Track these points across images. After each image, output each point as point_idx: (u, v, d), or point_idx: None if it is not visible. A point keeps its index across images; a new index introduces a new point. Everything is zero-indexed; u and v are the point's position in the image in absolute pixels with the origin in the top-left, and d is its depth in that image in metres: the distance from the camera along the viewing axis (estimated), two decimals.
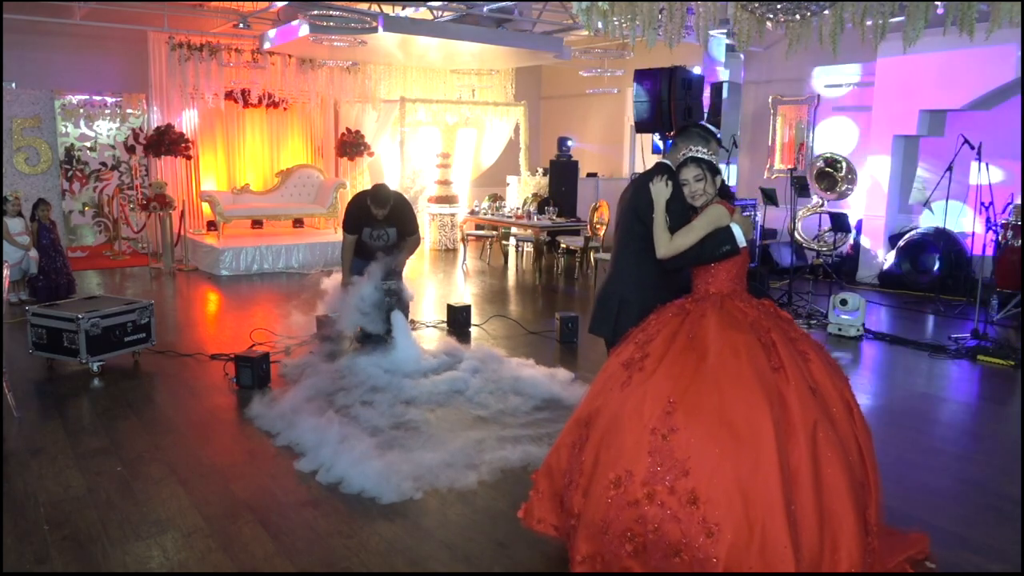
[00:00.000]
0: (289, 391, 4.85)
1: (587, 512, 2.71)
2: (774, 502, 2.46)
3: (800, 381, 2.67)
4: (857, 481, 2.64)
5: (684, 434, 2.58)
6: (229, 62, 10.71)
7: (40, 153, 10.24)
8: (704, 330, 2.79)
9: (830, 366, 2.86)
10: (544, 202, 10.81)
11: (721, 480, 2.50)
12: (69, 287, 7.91)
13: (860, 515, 2.58)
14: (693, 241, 2.98)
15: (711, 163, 3.05)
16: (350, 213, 6.16)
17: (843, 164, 9.42)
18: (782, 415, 2.59)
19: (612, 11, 4.85)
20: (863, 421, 2.87)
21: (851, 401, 2.83)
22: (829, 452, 2.58)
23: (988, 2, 4.45)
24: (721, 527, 2.47)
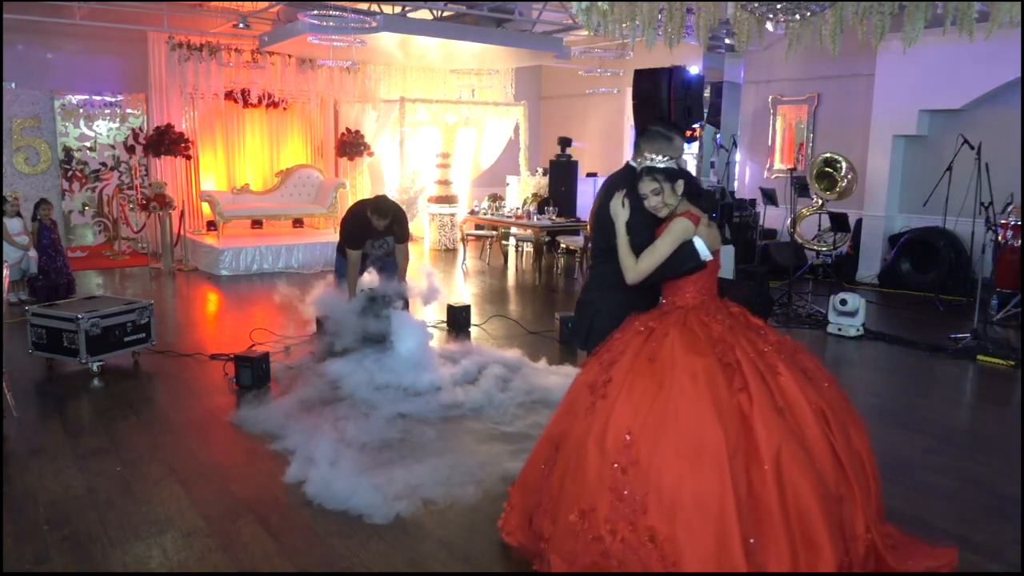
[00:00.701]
0: (284, 397, 4.80)
1: (555, 540, 2.74)
2: (730, 532, 2.43)
3: (765, 402, 2.60)
4: (831, 498, 2.56)
5: (643, 467, 2.56)
6: (229, 62, 10.71)
7: (40, 153, 10.24)
8: (665, 351, 2.73)
9: (805, 374, 2.77)
10: (544, 202, 10.81)
11: (679, 517, 2.49)
12: (69, 287, 7.91)
13: (835, 534, 2.51)
14: (659, 261, 2.89)
15: (668, 170, 2.91)
16: (351, 229, 6.11)
17: (843, 164, 9.42)
18: (745, 440, 2.54)
19: (612, 11, 4.84)
20: (854, 420, 2.82)
21: (829, 408, 2.72)
22: (797, 475, 2.50)
23: (988, 2, 4.44)
24: (679, 563, 2.47)
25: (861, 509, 2.65)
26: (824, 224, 9.38)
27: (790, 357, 2.82)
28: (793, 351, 2.88)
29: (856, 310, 6.81)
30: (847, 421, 2.80)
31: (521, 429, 4.42)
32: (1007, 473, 4.00)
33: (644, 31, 4.91)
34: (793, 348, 2.91)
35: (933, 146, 9.13)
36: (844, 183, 9.40)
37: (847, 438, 2.74)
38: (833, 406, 2.77)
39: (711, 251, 2.90)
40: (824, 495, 2.53)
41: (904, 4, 4.67)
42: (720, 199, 8.83)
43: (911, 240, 8.99)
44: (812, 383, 2.78)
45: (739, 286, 7.31)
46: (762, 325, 2.97)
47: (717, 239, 2.97)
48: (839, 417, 2.75)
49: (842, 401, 2.85)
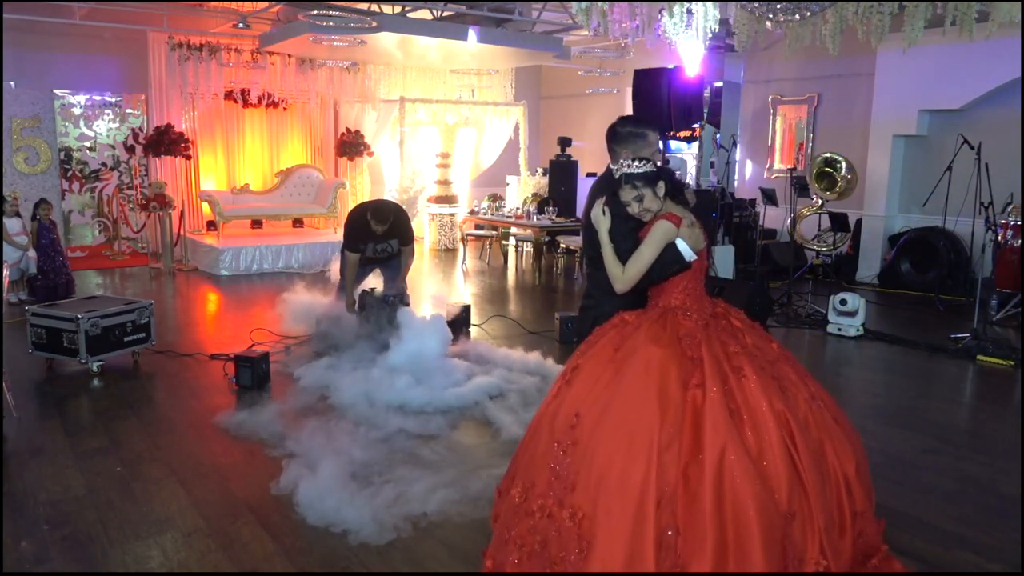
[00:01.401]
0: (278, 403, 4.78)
1: (500, 517, 2.82)
2: (646, 520, 2.40)
3: (718, 401, 2.55)
4: (775, 511, 2.44)
5: (581, 448, 2.58)
6: (229, 62, 10.71)
7: (39, 153, 10.23)
8: (630, 342, 2.75)
9: (778, 383, 2.69)
10: (544, 202, 10.80)
11: (601, 497, 2.47)
12: (68, 287, 7.91)
13: (771, 548, 2.41)
14: (644, 267, 2.87)
15: (647, 175, 2.86)
16: (351, 231, 6.13)
17: (843, 164, 9.42)
18: (689, 435, 2.49)
19: (612, 11, 4.85)
20: (839, 443, 2.72)
21: (799, 423, 2.62)
22: (738, 479, 2.43)
23: (988, 1, 4.45)
24: (592, 544, 2.46)
25: (818, 533, 2.50)
26: (824, 224, 9.38)
27: (766, 364, 2.75)
28: (775, 359, 2.80)
29: (856, 310, 6.81)
30: (827, 441, 2.69)
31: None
32: (1007, 473, 4.00)
33: (644, 31, 4.92)
34: (776, 356, 2.82)
35: (933, 146, 9.13)
36: (844, 183, 9.40)
37: (819, 457, 2.63)
38: (807, 422, 2.67)
39: (696, 251, 2.87)
40: (766, 505, 2.43)
41: (904, 4, 4.67)
42: (720, 199, 8.84)
43: (911, 240, 8.99)
44: (785, 394, 2.68)
45: (739, 286, 7.31)
46: (745, 327, 2.89)
47: (700, 239, 2.90)
48: (813, 434, 2.65)
49: (823, 419, 2.73)
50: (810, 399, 2.75)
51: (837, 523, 2.64)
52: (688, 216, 2.92)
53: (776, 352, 2.86)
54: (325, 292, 7.22)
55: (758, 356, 2.75)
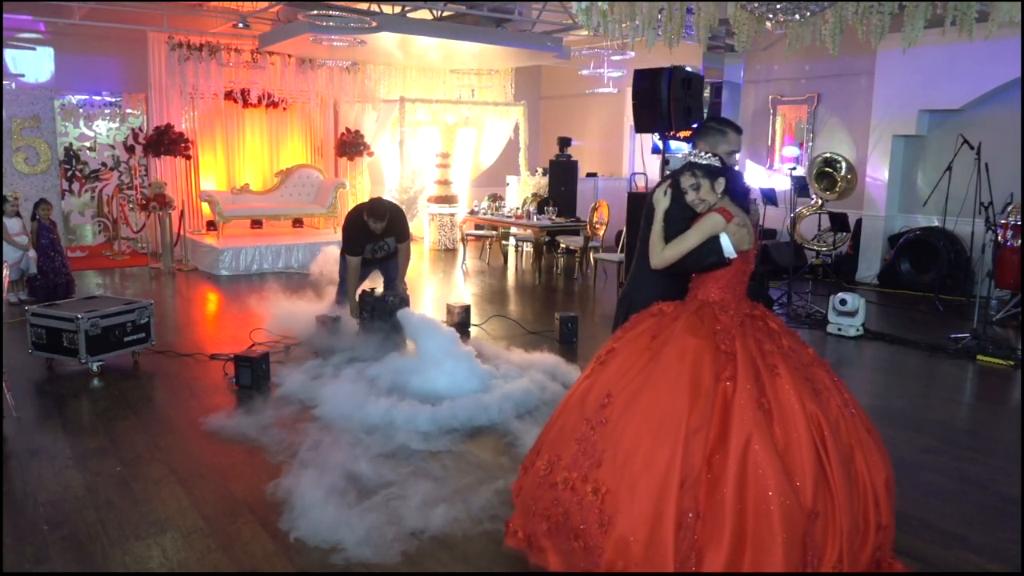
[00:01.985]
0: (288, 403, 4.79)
1: (525, 488, 2.94)
2: (667, 500, 2.48)
3: (748, 395, 2.60)
4: (798, 507, 2.47)
5: (610, 427, 2.68)
6: (229, 62, 10.71)
7: (39, 153, 10.23)
8: (667, 331, 2.83)
9: (811, 385, 2.72)
10: (544, 202, 10.81)
11: (626, 475, 2.57)
12: (68, 287, 7.91)
13: (792, 543, 2.43)
14: (683, 252, 2.95)
15: (709, 167, 2.96)
16: (351, 235, 6.13)
17: (842, 164, 9.43)
18: (717, 424, 2.56)
19: (612, 11, 4.84)
20: (870, 451, 2.73)
21: (830, 425, 2.64)
22: (762, 471, 2.48)
23: (988, 1, 4.45)
24: (613, 520, 2.55)
25: (839, 537, 2.52)
26: (824, 224, 9.38)
27: (800, 366, 2.78)
28: (809, 363, 2.84)
29: (856, 310, 6.81)
30: (857, 450, 2.70)
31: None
32: (1007, 473, 4.00)
33: (644, 31, 4.91)
34: (811, 361, 2.86)
35: (933, 146, 9.14)
36: (844, 183, 9.41)
37: (849, 461, 2.65)
38: (839, 427, 2.69)
39: (739, 251, 2.92)
40: (788, 500, 2.46)
41: (904, 4, 4.67)
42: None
43: (911, 240, 8.99)
44: (818, 397, 2.71)
45: None
46: (782, 331, 2.93)
47: (746, 240, 2.95)
48: (844, 439, 2.68)
49: (855, 428, 2.75)
50: (843, 405, 2.77)
51: (861, 531, 2.64)
52: (742, 217, 2.97)
53: (811, 357, 2.89)
54: (312, 296, 7.23)
55: (793, 358, 2.79)
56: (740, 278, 2.98)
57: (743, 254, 2.95)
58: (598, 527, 2.58)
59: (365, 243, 6.11)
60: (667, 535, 2.45)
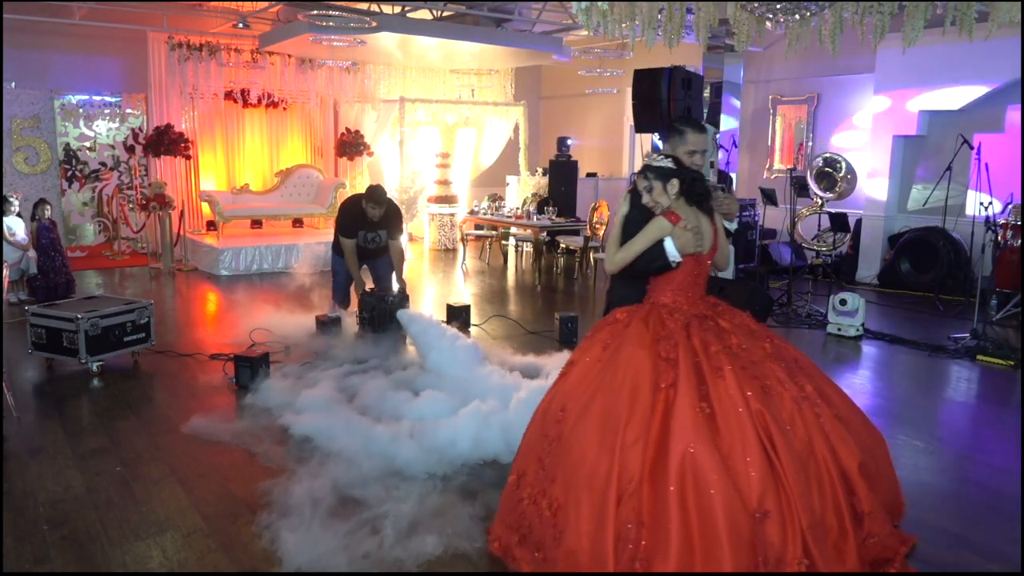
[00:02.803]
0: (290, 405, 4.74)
1: (501, 499, 3.09)
2: (606, 513, 2.52)
3: (688, 402, 2.61)
4: (743, 509, 2.46)
5: (562, 442, 2.76)
6: (229, 62, 10.71)
7: (39, 153, 10.24)
8: (618, 341, 2.88)
9: (760, 383, 2.69)
10: (543, 202, 10.81)
11: (573, 490, 2.64)
12: (68, 287, 7.91)
13: (739, 545, 2.44)
14: (632, 256, 2.99)
15: (661, 169, 2.98)
16: (345, 217, 6.18)
17: (842, 164, 9.42)
18: (657, 433, 2.58)
19: (612, 11, 4.84)
20: (837, 434, 2.73)
21: (776, 421, 2.62)
22: (704, 476, 2.48)
23: (988, 1, 4.44)
24: (563, 534, 2.64)
25: (798, 534, 2.48)
26: (824, 224, 9.38)
27: (749, 364, 2.77)
28: (761, 359, 2.80)
29: (856, 310, 6.81)
30: (819, 439, 2.67)
31: None
32: (1007, 473, 4.00)
33: (644, 31, 4.91)
34: (764, 356, 2.82)
35: (933, 146, 9.13)
36: (844, 183, 9.40)
37: (806, 456, 2.61)
38: (793, 421, 2.67)
39: (687, 254, 2.93)
40: (732, 503, 2.46)
41: (904, 4, 4.67)
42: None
43: (911, 240, 8.99)
44: (768, 394, 2.70)
45: (739, 286, 7.31)
46: (734, 328, 2.91)
47: (694, 244, 2.93)
48: (800, 434, 2.65)
49: (818, 417, 2.73)
50: (800, 398, 2.76)
51: (836, 524, 2.62)
52: (694, 220, 2.96)
53: (765, 352, 2.87)
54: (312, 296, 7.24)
55: (741, 356, 2.79)
56: (693, 280, 3.00)
57: (694, 257, 2.96)
58: (553, 541, 2.67)
59: (359, 229, 6.14)
60: (607, 547, 2.50)
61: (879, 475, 2.93)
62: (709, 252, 3.02)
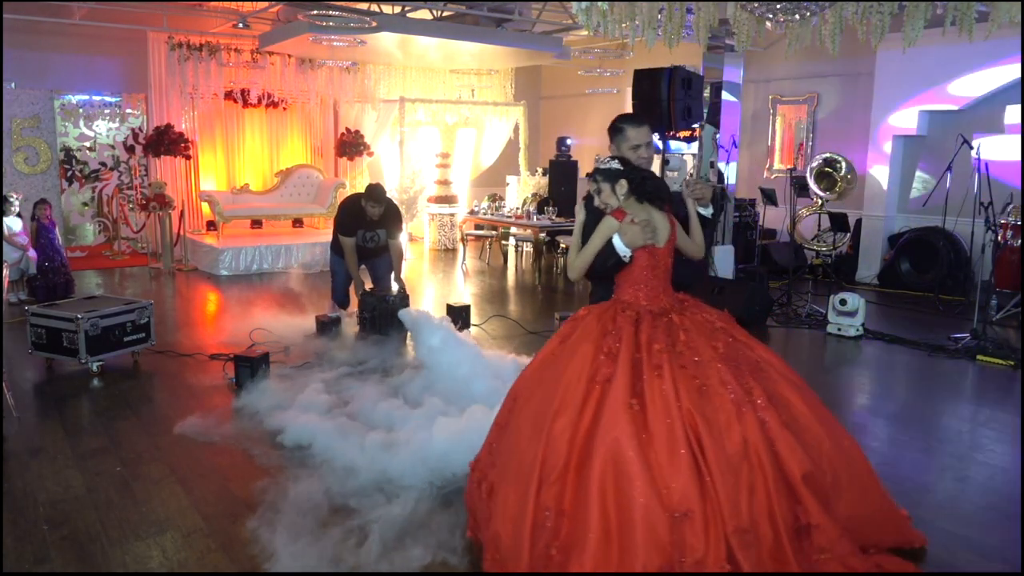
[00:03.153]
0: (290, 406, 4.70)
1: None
2: (527, 500, 2.59)
3: (620, 397, 2.63)
4: (660, 507, 2.46)
5: (507, 429, 2.91)
6: (229, 62, 10.71)
7: (39, 153, 10.24)
8: (574, 335, 2.94)
9: (693, 382, 2.68)
10: (543, 202, 10.81)
11: (506, 475, 2.77)
12: (67, 287, 7.90)
13: (653, 543, 2.44)
14: (588, 258, 3.02)
15: (607, 171, 3.01)
16: (344, 216, 6.20)
17: (842, 164, 9.42)
18: (588, 425, 2.61)
19: (612, 11, 4.84)
20: (783, 441, 2.63)
21: (708, 423, 2.58)
22: (624, 471, 2.51)
23: (988, 1, 4.44)
24: (492, 516, 2.78)
25: (722, 538, 2.46)
26: (824, 224, 9.38)
27: (691, 363, 2.74)
28: (708, 359, 2.76)
29: (856, 310, 6.81)
30: (761, 443, 2.61)
31: None
32: (1007, 473, 4.00)
33: (644, 31, 4.91)
34: (712, 357, 2.77)
35: (933, 146, 9.13)
36: (844, 183, 9.40)
37: (738, 459, 2.56)
38: (729, 425, 2.60)
39: (637, 248, 2.94)
40: (650, 502, 2.46)
41: (904, 4, 4.67)
42: (721, 199, 8.83)
43: (911, 240, 8.99)
44: (705, 395, 2.66)
45: (739, 286, 7.31)
46: (690, 325, 2.88)
47: (648, 236, 2.92)
48: (735, 437, 2.59)
49: (761, 423, 2.65)
50: (743, 402, 2.67)
51: (771, 533, 2.54)
52: (645, 214, 2.97)
53: (715, 352, 2.80)
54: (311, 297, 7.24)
55: (685, 355, 2.77)
56: (651, 274, 2.99)
57: (648, 251, 2.96)
58: (484, 523, 2.85)
59: (358, 228, 6.15)
60: (525, 532, 2.57)
61: (843, 487, 2.78)
62: (666, 245, 3.02)
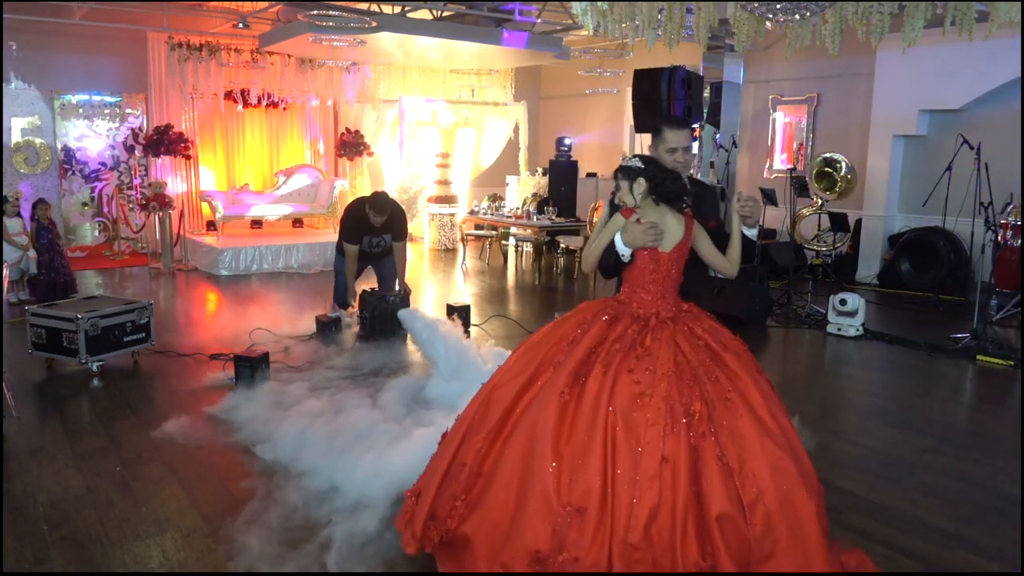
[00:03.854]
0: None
1: None
2: (449, 452, 2.82)
3: (555, 386, 2.70)
4: (552, 499, 2.50)
5: (489, 408, 2.94)
6: (228, 62, 10.71)
7: (39, 153, 10.24)
8: (561, 323, 3.04)
9: (634, 387, 2.64)
10: (543, 202, 10.81)
11: (450, 432, 2.97)
12: (67, 287, 7.90)
13: (539, 533, 2.48)
14: (595, 253, 3.07)
15: (628, 169, 3.00)
16: (349, 224, 6.18)
17: (842, 164, 9.42)
18: (524, 405, 2.75)
19: (612, 11, 4.84)
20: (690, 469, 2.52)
21: (629, 429, 2.55)
22: (536, 451, 2.62)
23: (988, 1, 4.45)
24: (429, 467, 3.00)
25: (607, 539, 2.44)
26: (824, 224, 9.38)
27: (639, 372, 2.69)
28: (665, 372, 2.70)
29: (856, 310, 6.81)
30: (682, 470, 2.51)
31: None
32: (1007, 473, 4.00)
33: (644, 31, 4.91)
34: (668, 370, 2.69)
35: (933, 146, 9.13)
36: (844, 183, 9.40)
37: (650, 476, 2.49)
38: (650, 440, 2.53)
39: (638, 248, 2.93)
40: (545, 487, 2.53)
41: (904, 4, 4.67)
42: (721, 199, 8.82)
43: (911, 240, 8.99)
44: (639, 406, 2.60)
45: (739, 286, 7.31)
46: (651, 338, 2.82)
47: (651, 238, 2.89)
48: (653, 455, 2.52)
49: (685, 447, 2.54)
50: (681, 424, 2.57)
51: (667, 559, 2.45)
52: (658, 216, 2.95)
53: (674, 368, 2.70)
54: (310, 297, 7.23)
55: (642, 360, 2.72)
56: (650, 277, 2.95)
57: (649, 253, 2.92)
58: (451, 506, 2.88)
59: (363, 235, 6.14)
60: (436, 478, 2.82)
61: (779, 549, 2.51)
62: (674, 251, 2.95)
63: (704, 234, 3.06)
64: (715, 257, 3.09)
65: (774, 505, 2.51)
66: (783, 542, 2.50)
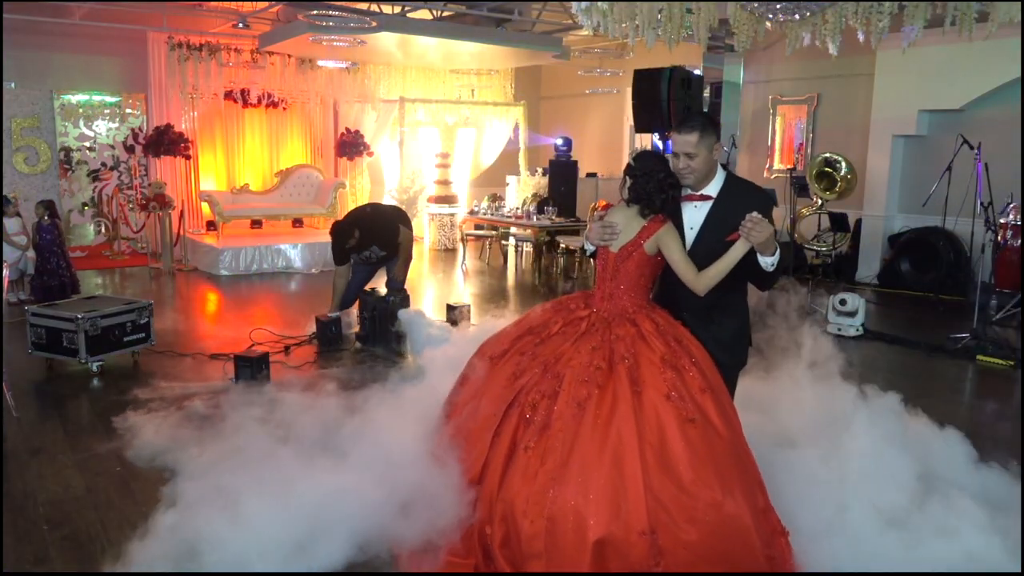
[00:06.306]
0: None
1: None
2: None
3: (506, 371, 2.93)
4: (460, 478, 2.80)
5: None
6: (228, 62, 10.71)
7: (39, 153, 10.24)
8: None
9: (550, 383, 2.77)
10: (543, 202, 10.81)
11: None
12: (65, 287, 7.88)
13: (447, 493, 2.77)
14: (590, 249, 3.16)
15: (627, 165, 3.02)
16: (335, 247, 6.26)
17: (842, 164, 9.42)
18: (503, 416, 2.85)
19: (611, 11, 4.85)
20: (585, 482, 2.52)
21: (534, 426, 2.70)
22: (464, 421, 2.92)
23: (988, 1, 4.45)
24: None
25: (487, 523, 2.71)
26: (824, 224, 9.38)
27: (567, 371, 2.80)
28: (585, 364, 2.75)
29: (856, 310, 6.81)
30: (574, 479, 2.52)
31: None
32: (1007, 473, 3.99)
33: (644, 31, 4.91)
34: (604, 378, 2.70)
35: (933, 146, 9.13)
36: (844, 183, 9.40)
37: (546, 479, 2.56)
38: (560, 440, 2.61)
39: (598, 246, 3.00)
40: (459, 470, 2.82)
41: (904, 4, 4.67)
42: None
43: (911, 240, 8.99)
44: (554, 399, 2.74)
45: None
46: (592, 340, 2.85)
47: (603, 237, 2.92)
48: (560, 451, 2.58)
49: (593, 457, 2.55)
50: (598, 432, 2.58)
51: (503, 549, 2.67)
52: (618, 216, 2.97)
53: (592, 370, 2.73)
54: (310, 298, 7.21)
55: (559, 360, 2.85)
56: (600, 275, 3.02)
57: (602, 252, 2.97)
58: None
59: (349, 253, 6.20)
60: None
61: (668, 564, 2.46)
62: (621, 251, 2.91)
63: (676, 242, 2.85)
64: (684, 267, 2.83)
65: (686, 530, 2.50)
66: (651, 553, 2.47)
